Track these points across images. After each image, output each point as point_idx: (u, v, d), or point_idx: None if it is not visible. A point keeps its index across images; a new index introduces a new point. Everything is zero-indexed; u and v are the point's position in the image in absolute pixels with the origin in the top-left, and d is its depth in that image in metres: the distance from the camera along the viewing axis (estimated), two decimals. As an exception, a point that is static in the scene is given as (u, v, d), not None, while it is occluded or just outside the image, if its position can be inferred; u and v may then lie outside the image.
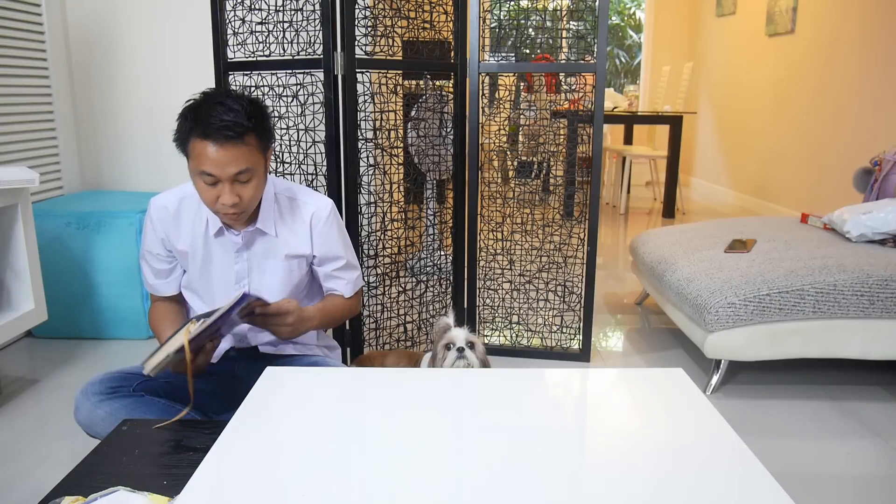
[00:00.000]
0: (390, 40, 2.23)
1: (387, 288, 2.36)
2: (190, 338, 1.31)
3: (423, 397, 1.19)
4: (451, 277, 2.51)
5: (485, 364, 1.74)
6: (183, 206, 1.56)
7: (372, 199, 2.26)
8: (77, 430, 1.51)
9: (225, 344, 1.65)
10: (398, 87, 2.33)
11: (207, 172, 1.37)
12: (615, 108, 5.67)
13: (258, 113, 1.41)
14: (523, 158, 2.94)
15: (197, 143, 1.36)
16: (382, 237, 2.31)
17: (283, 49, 2.16)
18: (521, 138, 3.12)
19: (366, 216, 2.25)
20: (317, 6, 2.06)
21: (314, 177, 2.21)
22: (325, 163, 2.15)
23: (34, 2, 2.73)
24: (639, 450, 1.00)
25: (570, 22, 2.38)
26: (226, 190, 1.39)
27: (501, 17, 2.36)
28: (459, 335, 1.70)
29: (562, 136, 2.46)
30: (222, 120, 1.34)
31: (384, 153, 2.28)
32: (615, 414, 1.15)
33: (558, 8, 2.38)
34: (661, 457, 0.98)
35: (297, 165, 2.23)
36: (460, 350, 1.68)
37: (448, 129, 2.45)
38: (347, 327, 2.26)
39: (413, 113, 2.49)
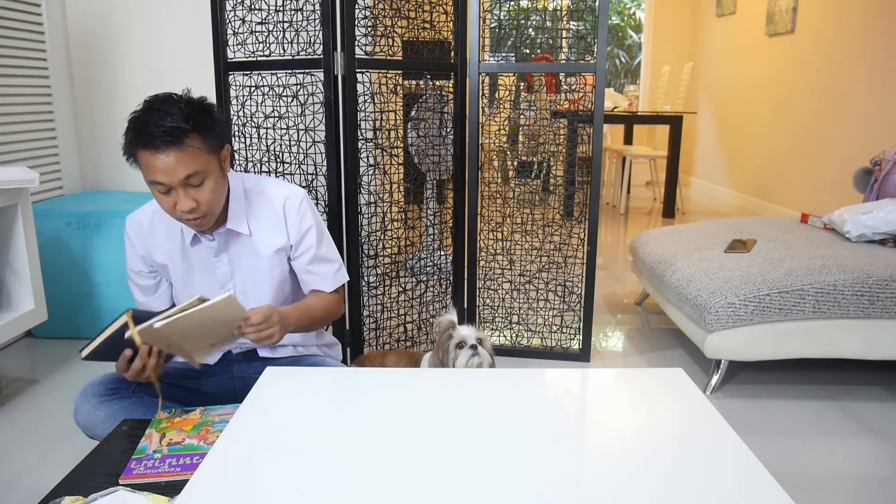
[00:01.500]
0: (390, 40, 2.23)
1: (387, 288, 2.36)
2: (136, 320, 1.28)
3: (423, 397, 1.19)
4: (451, 277, 2.51)
5: (492, 359, 1.74)
6: (156, 219, 1.54)
7: (372, 199, 2.26)
8: (77, 429, 1.51)
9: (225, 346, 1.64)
10: (398, 87, 2.33)
11: (157, 181, 1.35)
12: (615, 108, 5.67)
13: (199, 113, 1.37)
14: (523, 158, 2.95)
15: (141, 153, 1.34)
16: (382, 237, 2.31)
17: (283, 49, 2.16)
18: (521, 138, 3.12)
19: (366, 216, 2.25)
20: (317, 6, 2.06)
21: (314, 177, 2.21)
22: (325, 163, 2.15)
23: (34, 2, 2.73)
24: (639, 450, 1.00)
25: (570, 22, 2.38)
26: (180, 196, 1.36)
27: (501, 17, 2.36)
28: (470, 333, 1.69)
29: (562, 136, 2.46)
30: (160, 126, 1.31)
31: (384, 153, 2.28)
32: (615, 414, 1.15)
33: (558, 8, 2.38)
34: (661, 457, 0.98)
35: (297, 165, 2.23)
36: (473, 347, 1.67)
37: (448, 129, 2.45)
38: (347, 327, 2.26)
39: (413, 113, 2.49)
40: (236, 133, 2.26)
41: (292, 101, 2.18)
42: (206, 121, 1.38)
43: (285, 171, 2.24)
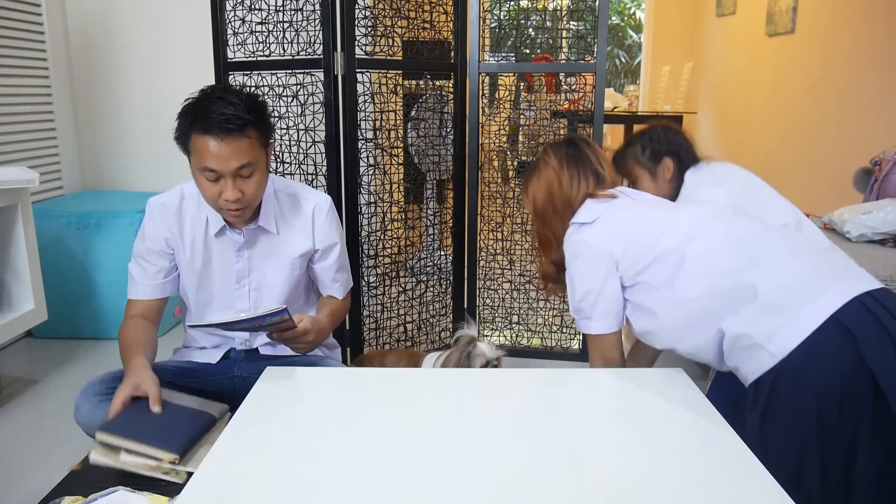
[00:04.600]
0: (390, 40, 2.23)
1: (387, 288, 2.36)
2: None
3: (423, 397, 1.19)
4: (451, 277, 2.51)
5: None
6: (183, 206, 1.55)
7: (372, 199, 2.26)
8: (77, 430, 1.51)
9: (226, 345, 1.65)
10: (398, 87, 2.32)
11: (209, 168, 1.36)
12: (615, 108, 5.67)
13: (258, 107, 1.41)
14: (523, 158, 2.94)
15: (198, 138, 1.36)
16: (382, 237, 2.31)
17: (283, 49, 2.16)
18: (521, 138, 3.12)
19: (366, 216, 2.25)
20: (317, 6, 2.06)
21: (314, 177, 2.21)
22: (325, 163, 2.15)
23: (34, 2, 2.73)
24: (639, 450, 1.00)
25: (570, 22, 2.38)
26: (228, 185, 1.38)
27: (501, 17, 2.36)
28: (490, 351, 1.71)
29: (562, 136, 2.45)
30: (223, 113, 1.34)
31: (384, 153, 2.28)
32: (615, 414, 1.15)
33: (558, 8, 2.38)
34: (661, 456, 0.98)
35: (297, 165, 2.23)
36: (495, 365, 1.70)
37: (448, 129, 2.45)
38: (347, 327, 2.26)
39: (413, 113, 2.49)
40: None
41: (292, 101, 2.18)
42: (263, 114, 1.43)
43: (285, 171, 2.24)
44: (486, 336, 2.55)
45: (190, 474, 1.13)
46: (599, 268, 1.39)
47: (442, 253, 2.79)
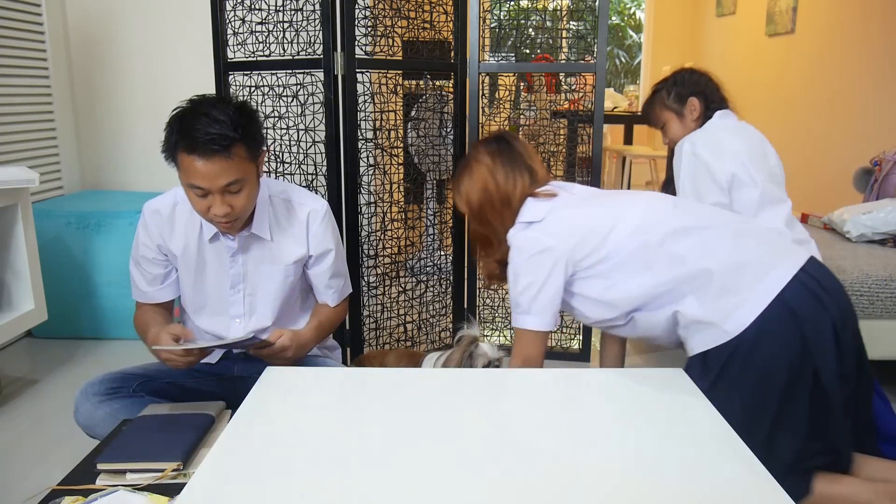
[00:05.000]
0: (390, 40, 2.23)
1: (387, 288, 2.36)
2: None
3: (423, 397, 1.19)
4: (451, 277, 2.51)
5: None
6: (177, 211, 1.55)
7: (372, 199, 2.26)
8: (77, 430, 1.51)
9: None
10: (398, 87, 2.32)
11: (196, 185, 1.35)
12: (615, 108, 5.67)
13: (246, 121, 1.37)
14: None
15: (184, 156, 1.33)
16: (382, 237, 2.31)
17: (283, 49, 2.16)
18: (521, 138, 3.11)
19: (366, 216, 2.25)
20: (317, 6, 2.07)
21: (314, 177, 2.21)
22: (325, 163, 2.15)
23: (34, 2, 2.73)
24: (639, 449, 1.00)
25: (570, 22, 2.38)
26: (217, 201, 1.37)
27: (501, 17, 2.36)
28: (493, 351, 1.71)
29: (562, 136, 2.45)
30: (207, 133, 1.30)
31: (384, 153, 2.28)
32: (615, 414, 1.15)
33: (558, 8, 2.38)
34: (661, 457, 0.98)
35: (297, 165, 2.23)
36: (497, 366, 1.70)
37: (448, 129, 2.45)
38: (347, 327, 2.26)
39: (413, 113, 2.49)
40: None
41: (292, 101, 2.18)
42: (251, 129, 1.39)
43: (285, 171, 2.24)
44: (487, 336, 2.55)
45: None
46: (544, 263, 1.41)
47: (442, 253, 2.79)
